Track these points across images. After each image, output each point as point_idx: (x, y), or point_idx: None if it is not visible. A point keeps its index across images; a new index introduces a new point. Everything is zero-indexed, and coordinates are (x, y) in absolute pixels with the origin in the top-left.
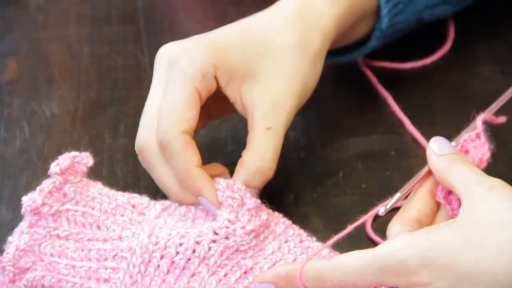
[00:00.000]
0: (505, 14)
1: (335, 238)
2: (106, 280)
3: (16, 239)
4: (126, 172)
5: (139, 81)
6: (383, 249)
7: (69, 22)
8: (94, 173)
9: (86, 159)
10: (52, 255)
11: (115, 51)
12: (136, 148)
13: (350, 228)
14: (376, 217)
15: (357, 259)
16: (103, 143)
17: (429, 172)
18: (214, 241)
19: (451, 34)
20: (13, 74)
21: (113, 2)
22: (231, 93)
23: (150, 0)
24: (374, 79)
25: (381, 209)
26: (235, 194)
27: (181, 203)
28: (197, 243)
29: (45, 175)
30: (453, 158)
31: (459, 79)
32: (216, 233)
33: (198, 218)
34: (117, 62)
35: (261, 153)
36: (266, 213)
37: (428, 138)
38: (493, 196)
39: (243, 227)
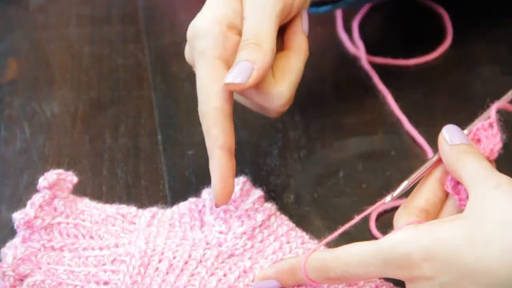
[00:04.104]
0: (505, 14)
1: (342, 229)
2: (106, 282)
3: (12, 251)
4: (126, 172)
5: (139, 81)
6: (386, 242)
7: (69, 22)
8: (94, 173)
9: (70, 176)
10: (49, 264)
11: (116, 51)
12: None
13: (356, 219)
14: (379, 216)
15: (361, 250)
16: (103, 143)
17: (439, 161)
18: (208, 249)
19: (449, 31)
20: (14, 74)
21: (113, 2)
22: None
23: (150, 0)
24: (375, 78)
25: (387, 197)
26: (229, 206)
27: None
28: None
29: None
30: (464, 150)
31: (459, 79)
32: (208, 243)
33: (184, 216)
34: (117, 62)
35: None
36: (262, 214)
37: (428, 139)
38: (499, 194)
39: (234, 232)
